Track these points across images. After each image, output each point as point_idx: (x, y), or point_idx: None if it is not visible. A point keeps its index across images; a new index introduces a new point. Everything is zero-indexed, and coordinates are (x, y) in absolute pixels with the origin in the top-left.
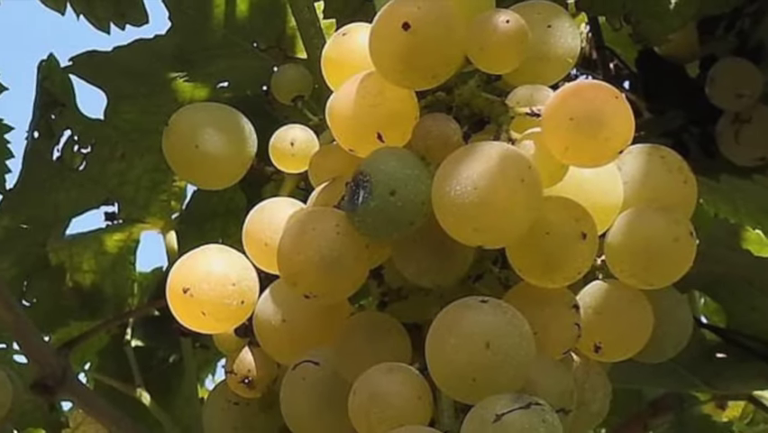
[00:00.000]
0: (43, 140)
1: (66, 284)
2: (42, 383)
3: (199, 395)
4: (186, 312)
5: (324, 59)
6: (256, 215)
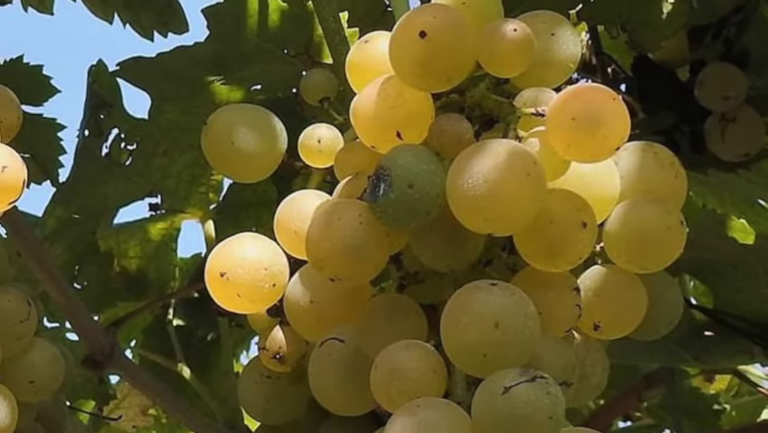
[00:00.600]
0: (93, 138)
1: (113, 269)
2: (92, 359)
3: (235, 370)
4: (222, 294)
5: (348, 64)
6: (286, 205)
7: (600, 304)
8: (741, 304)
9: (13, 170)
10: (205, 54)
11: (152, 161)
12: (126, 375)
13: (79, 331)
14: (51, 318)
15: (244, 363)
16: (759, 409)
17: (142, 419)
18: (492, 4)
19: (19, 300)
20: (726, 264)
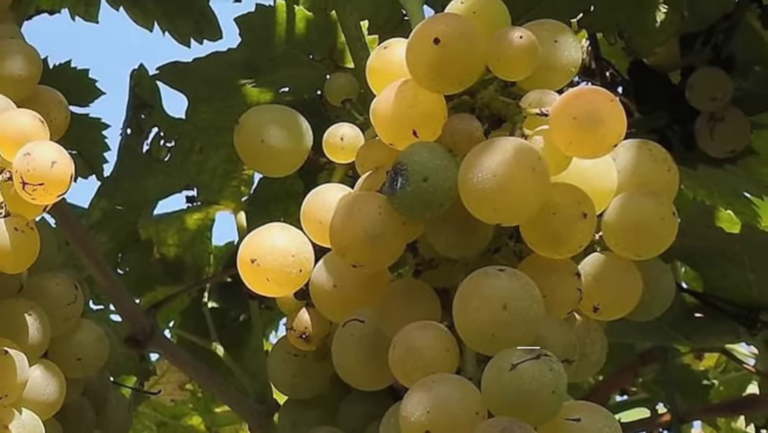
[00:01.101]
0: (135, 136)
1: (153, 256)
2: (134, 338)
3: (264, 348)
4: (253, 279)
5: (368, 68)
6: (312, 198)
7: (599, 288)
8: (728, 288)
9: (62, 165)
10: (238, 59)
11: (189, 158)
12: (165, 353)
13: (122, 313)
14: (97, 301)
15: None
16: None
17: (180, 393)
18: (500, 13)
19: (67, 284)
20: (715, 252)
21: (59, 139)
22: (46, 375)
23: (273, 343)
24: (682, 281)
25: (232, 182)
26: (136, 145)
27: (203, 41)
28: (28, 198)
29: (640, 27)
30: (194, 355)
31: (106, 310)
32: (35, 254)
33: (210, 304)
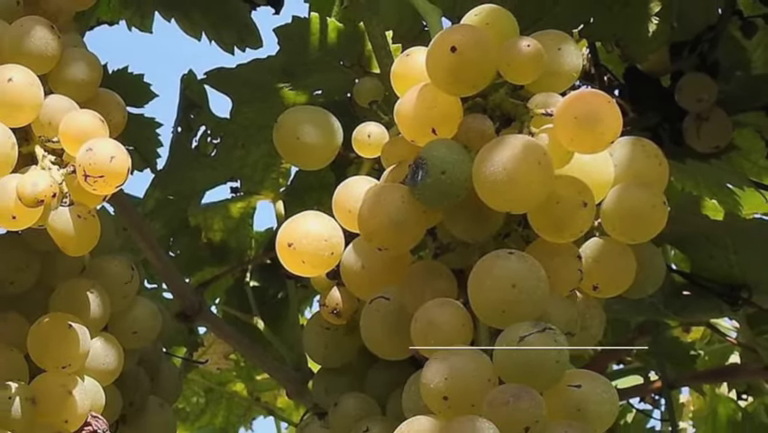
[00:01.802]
0: (185, 133)
1: (201, 240)
2: (184, 313)
3: (300, 322)
4: (290, 261)
5: (392, 73)
6: (342, 189)
7: (598, 269)
8: (713, 269)
9: (120, 159)
10: (276, 65)
11: (233, 153)
12: (211, 327)
13: (173, 291)
14: (151, 281)
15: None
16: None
17: (225, 362)
18: (510, 24)
19: (124, 266)
20: (701, 236)
21: (118, 136)
22: (106, 347)
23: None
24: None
25: (271, 175)
26: (186, 142)
27: (245, 48)
28: (89, 188)
29: (634, 37)
30: (237, 329)
31: (159, 289)
32: (96, 239)
33: (252, 283)
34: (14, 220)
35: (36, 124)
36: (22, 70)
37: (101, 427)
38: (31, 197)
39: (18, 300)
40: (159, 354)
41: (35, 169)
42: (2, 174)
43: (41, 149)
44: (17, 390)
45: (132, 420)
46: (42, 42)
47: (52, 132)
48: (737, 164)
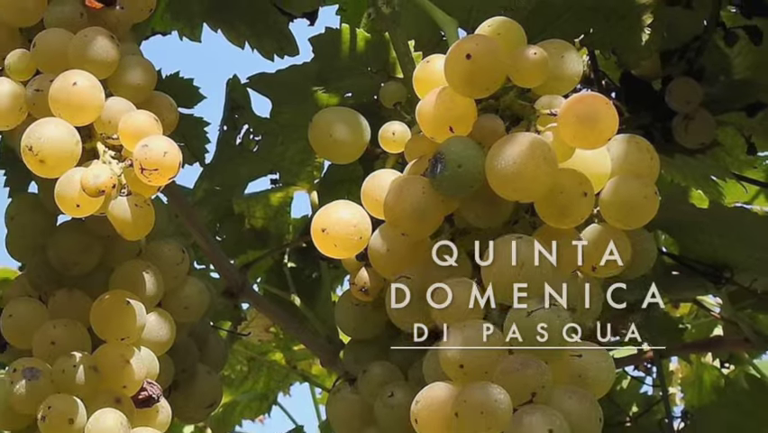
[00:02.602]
0: (230, 131)
1: (245, 226)
2: (229, 291)
3: (332, 299)
4: (323, 244)
5: (414, 78)
6: (370, 180)
7: (596, 252)
8: (699, 252)
9: (172, 154)
10: (311, 71)
11: (273, 149)
12: (253, 303)
13: (220, 271)
14: (200, 262)
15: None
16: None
17: (265, 335)
18: (519, 34)
19: (176, 249)
20: (688, 223)
21: (170, 134)
22: (159, 320)
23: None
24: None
25: (306, 168)
26: (231, 139)
27: (284, 56)
28: (145, 180)
29: (629, 45)
30: (276, 305)
31: (207, 269)
32: (151, 225)
33: (289, 264)
34: (78, 208)
35: (98, 123)
36: (86, 75)
37: (155, 392)
38: (93, 187)
39: (82, 280)
40: (207, 327)
41: (97, 163)
42: (67, 167)
43: (103, 145)
44: (81, 359)
45: (183, 386)
46: (103, 50)
47: (112, 130)
48: (720, 159)
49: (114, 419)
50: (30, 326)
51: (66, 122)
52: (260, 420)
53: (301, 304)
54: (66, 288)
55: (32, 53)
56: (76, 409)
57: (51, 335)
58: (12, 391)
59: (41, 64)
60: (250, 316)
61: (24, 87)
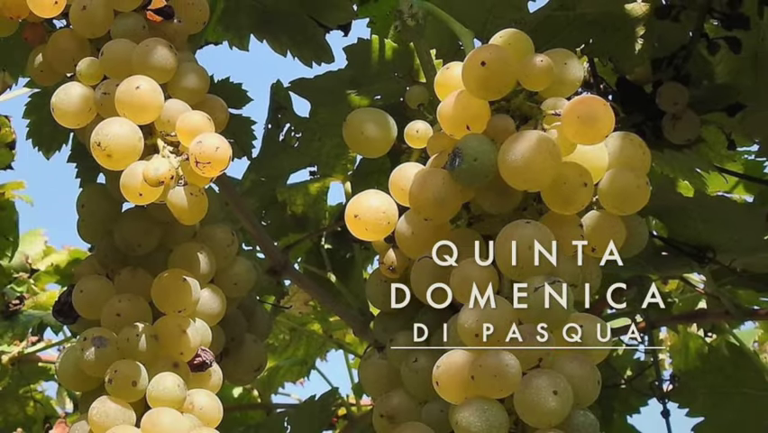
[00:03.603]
0: (274, 129)
1: (287, 212)
2: (273, 269)
3: (364, 277)
4: (356, 228)
5: (435, 82)
6: (397, 172)
7: (595, 235)
8: (685, 234)
9: (223, 149)
10: (345, 76)
11: (311, 144)
12: (294, 280)
13: (265, 252)
14: (247, 244)
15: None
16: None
17: (305, 307)
18: (527, 44)
19: (227, 232)
20: (676, 209)
21: (222, 131)
22: (212, 295)
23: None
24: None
25: (341, 161)
26: (275, 136)
27: (321, 63)
28: (199, 172)
29: (624, 54)
30: (314, 282)
31: (254, 250)
32: (204, 211)
33: (326, 246)
34: (141, 197)
35: (158, 121)
36: (147, 80)
37: (208, 358)
38: (153, 178)
39: (144, 260)
40: (253, 301)
41: (157, 157)
42: (131, 161)
43: (162, 141)
44: (143, 329)
45: (233, 353)
46: (163, 58)
47: (171, 128)
48: (704, 153)
49: (172, 381)
50: (98, 300)
51: (130, 121)
52: (301, 383)
53: (336, 281)
54: (130, 266)
55: (101, 61)
56: (139, 373)
57: (117, 307)
58: (82, 357)
59: (108, 70)
60: (291, 291)
61: (93, 90)
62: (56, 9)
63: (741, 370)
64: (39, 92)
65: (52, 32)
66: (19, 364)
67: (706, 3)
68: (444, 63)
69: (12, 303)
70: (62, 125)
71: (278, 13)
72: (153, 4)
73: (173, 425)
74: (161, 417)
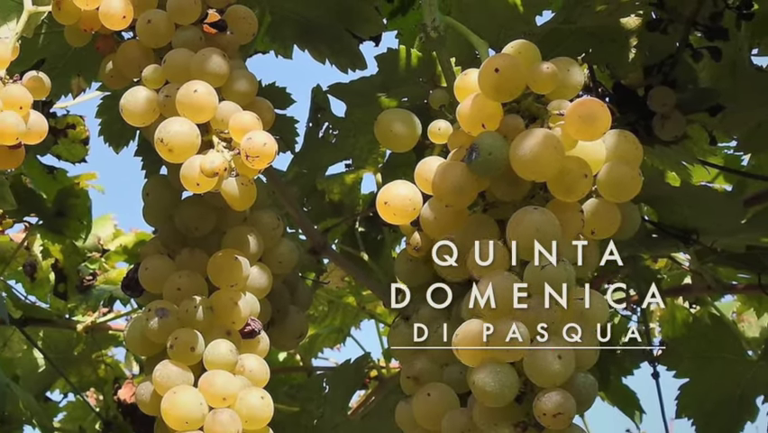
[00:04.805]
0: (314, 127)
1: (325, 200)
2: (313, 250)
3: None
4: (386, 214)
5: (455, 87)
6: (421, 165)
7: (594, 220)
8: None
9: (270, 145)
10: (376, 81)
11: (347, 141)
12: (332, 258)
13: (306, 234)
14: (291, 227)
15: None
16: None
17: (341, 283)
18: (535, 53)
19: (273, 217)
20: (665, 197)
21: (269, 129)
22: (260, 272)
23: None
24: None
25: (373, 155)
26: (315, 133)
27: (355, 69)
28: (249, 165)
29: (619, 62)
30: (349, 260)
31: (297, 233)
32: (253, 199)
33: (359, 229)
34: (198, 186)
35: (213, 120)
36: (204, 84)
37: (257, 326)
38: (209, 170)
39: (201, 241)
40: (296, 277)
41: (212, 151)
42: (190, 155)
43: (217, 138)
44: (200, 301)
45: (278, 322)
46: (217, 65)
47: (224, 126)
48: (689, 149)
49: (225, 347)
50: (161, 276)
51: (189, 120)
52: (337, 348)
53: (369, 259)
54: (189, 247)
55: (163, 68)
56: (196, 340)
57: (177, 283)
58: (147, 326)
59: (170, 76)
60: (329, 268)
61: (156, 93)
62: (124, 23)
63: (721, 337)
64: (109, 95)
65: (121, 43)
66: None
67: (691, 17)
68: (463, 70)
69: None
70: (129, 124)
71: (318, 25)
72: (209, 18)
73: (226, 385)
74: (216, 378)
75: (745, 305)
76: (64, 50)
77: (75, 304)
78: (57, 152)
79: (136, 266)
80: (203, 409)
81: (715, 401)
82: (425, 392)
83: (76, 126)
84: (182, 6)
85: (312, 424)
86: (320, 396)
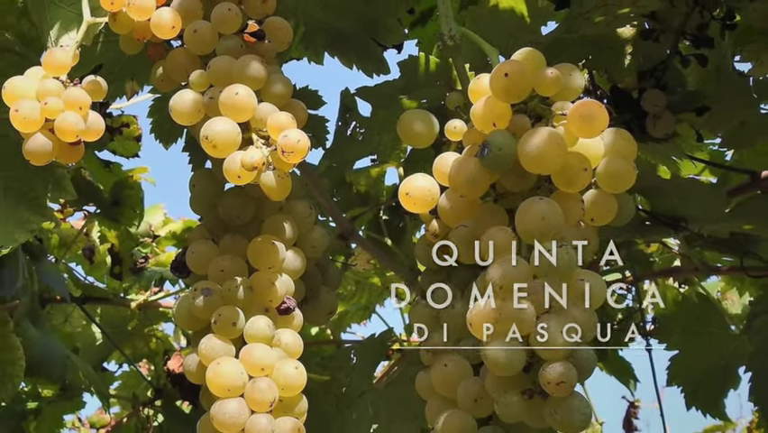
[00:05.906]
0: (343, 126)
1: (353, 191)
2: (342, 235)
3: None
4: (407, 204)
5: (469, 90)
6: (439, 160)
7: (594, 208)
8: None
9: (304, 141)
10: (399, 84)
11: (372, 138)
12: (359, 243)
13: (335, 221)
14: (322, 215)
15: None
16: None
17: (367, 265)
18: (540, 60)
19: (306, 206)
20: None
21: (302, 127)
22: (295, 255)
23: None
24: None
25: (395, 151)
26: (344, 131)
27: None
28: (285, 159)
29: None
30: (375, 245)
31: (327, 220)
32: (288, 190)
33: (384, 217)
34: (239, 179)
35: (252, 120)
36: (244, 87)
37: (292, 304)
38: (249, 165)
39: (242, 228)
40: (327, 260)
41: (252, 147)
42: (231, 151)
43: (256, 135)
44: (241, 281)
45: (311, 300)
46: (256, 70)
47: (262, 125)
48: (678, 145)
49: (264, 322)
50: (206, 259)
51: (231, 119)
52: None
53: (392, 244)
54: (231, 233)
55: (208, 73)
56: (237, 316)
57: (221, 265)
58: (193, 303)
59: (214, 80)
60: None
61: (202, 95)
62: (173, 32)
63: (707, 314)
64: (159, 97)
65: (170, 50)
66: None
67: (680, 27)
68: (476, 74)
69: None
70: (178, 123)
71: (346, 35)
72: (249, 28)
73: (264, 356)
74: (255, 350)
75: (728, 285)
76: (119, 57)
77: (129, 284)
78: (113, 148)
79: (184, 250)
80: (243, 378)
81: (702, 371)
82: (442, 363)
83: (130, 125)
84: (225, 17)
85: (341, 391)
86: (348, 366)
